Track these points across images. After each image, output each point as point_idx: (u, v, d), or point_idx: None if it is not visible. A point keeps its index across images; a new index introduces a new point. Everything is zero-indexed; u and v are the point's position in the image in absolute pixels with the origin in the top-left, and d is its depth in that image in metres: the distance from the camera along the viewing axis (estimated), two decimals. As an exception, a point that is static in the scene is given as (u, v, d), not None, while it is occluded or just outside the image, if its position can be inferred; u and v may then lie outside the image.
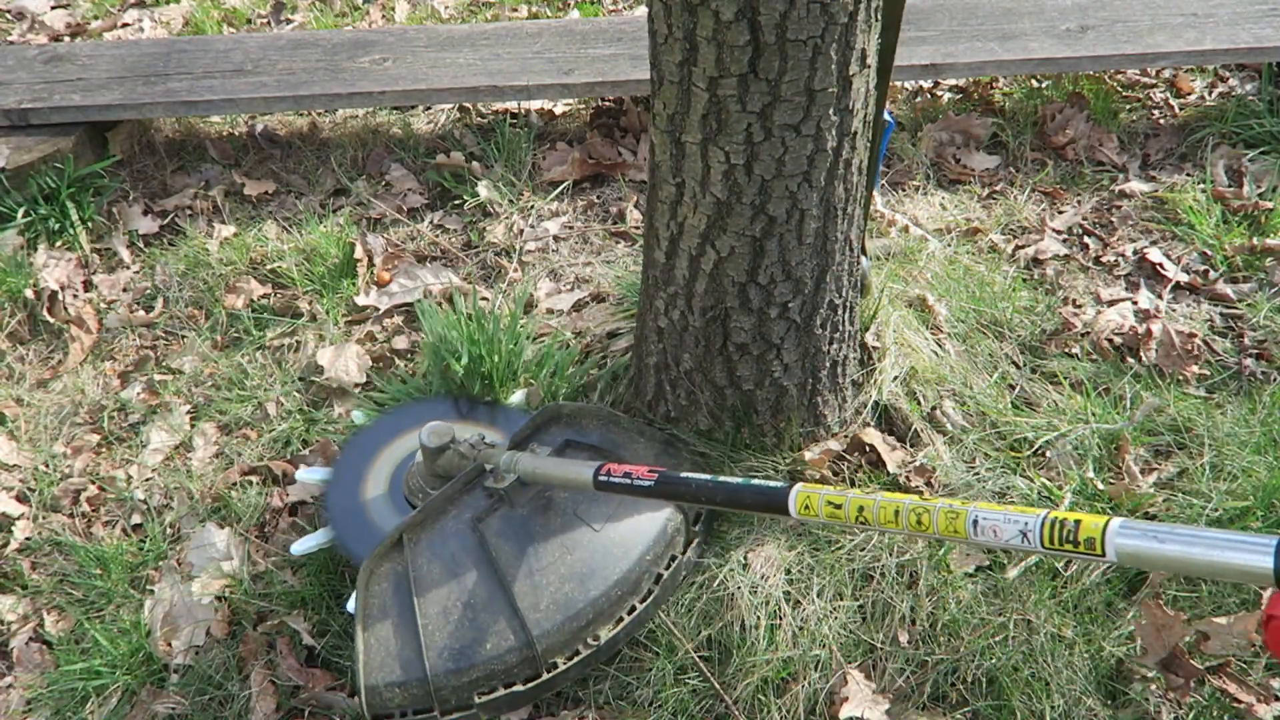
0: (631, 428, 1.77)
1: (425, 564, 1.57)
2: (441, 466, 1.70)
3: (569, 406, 1.79)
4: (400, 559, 1.59)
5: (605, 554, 1.60)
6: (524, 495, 1.63)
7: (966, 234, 2.44)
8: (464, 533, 1.60)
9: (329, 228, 2.53)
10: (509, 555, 1.57)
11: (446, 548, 1.59)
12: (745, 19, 1.33)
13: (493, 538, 1.58)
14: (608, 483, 1.45)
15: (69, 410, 2.20)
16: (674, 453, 1.77)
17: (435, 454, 1.68)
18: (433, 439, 1.67)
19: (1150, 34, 2.63)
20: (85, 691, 1.71)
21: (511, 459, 1.60)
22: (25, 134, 2.62)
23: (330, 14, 3.43)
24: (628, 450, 1.75)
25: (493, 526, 1.60)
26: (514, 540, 1.59)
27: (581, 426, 1.78)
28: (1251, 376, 2.06)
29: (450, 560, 1.58)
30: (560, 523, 1.63)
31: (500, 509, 1.63)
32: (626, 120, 2.84)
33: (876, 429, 1.90)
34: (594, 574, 1.58)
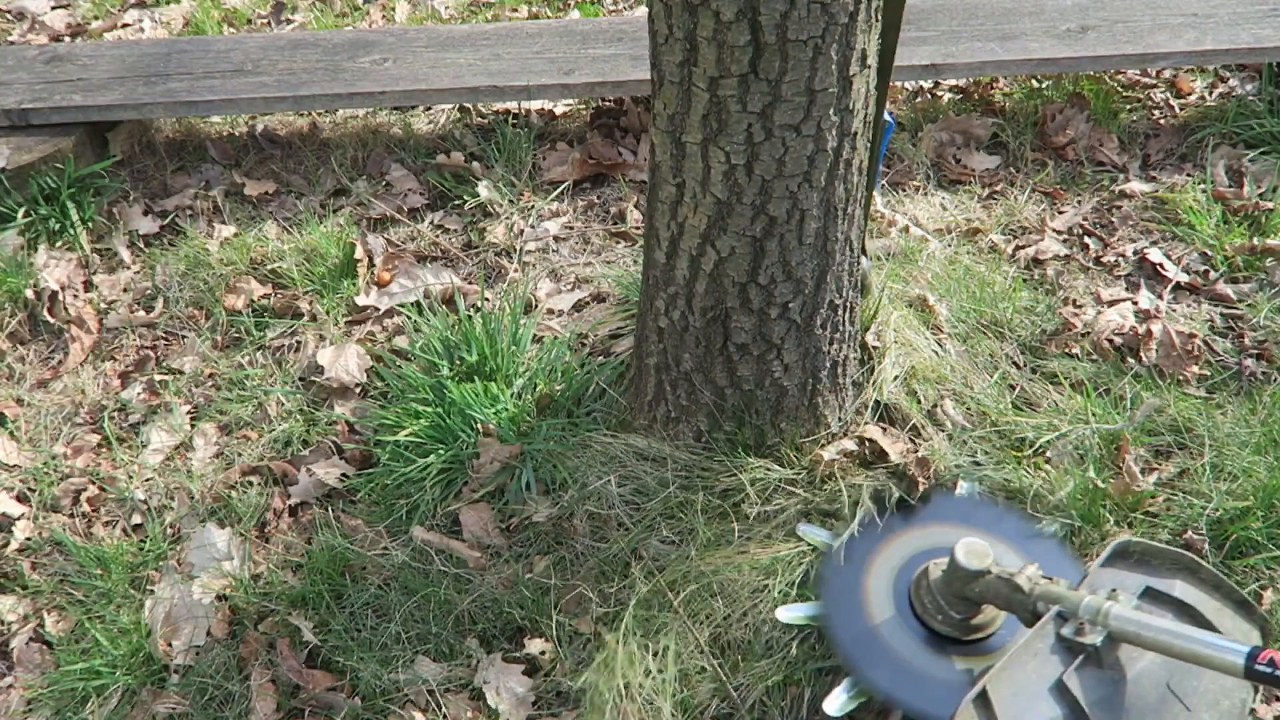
0: (1209, 579, 1.47)
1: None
2: (975, 591, 1.49)
3: (1139, 544, 1.48)
4: (988, 717, 1.33)
5: None
6: (1111, 654, 1.35)
7: (967, 234, 2.44)
8: (1050, 693, 1.34)
9: (329, 228, 2.53)
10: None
11: (1035, 709, 1.33)
12: (746, 19, 1.33)
13: (1088, 705, 1.32)
14: (1272, 676, 1.12)
15: (69, 410, 2.21)
16: (1248, 614, 1.48)
17: (971, 577, 1.47)
18: (971, 560, 1.46)
19: (1150, 34, 2.63)
20: (85, 691, 1.71)
21: (1098, 607, 1.32)
22: (26, 134, 2.62)
23: (330, 14, 3.43)
24: (1205, 606, 1.45)
25: (1081, 688, 1.33)
26: (1107, 710, 1.33)
27: (1155, 569, 1.48)
28: (1252, 377, 2.06)
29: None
30: (1155, 696, 1.34)
31: (1087, 667, 1.35)
32: (627, 120, 2.84)
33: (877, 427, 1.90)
34: None
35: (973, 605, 1.54)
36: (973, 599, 1.51)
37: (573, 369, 2.06)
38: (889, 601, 1.63)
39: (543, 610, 1.73)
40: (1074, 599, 1.35)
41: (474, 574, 1.79)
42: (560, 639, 1.71)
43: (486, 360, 2.06)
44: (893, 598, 1.64)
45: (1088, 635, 1.32)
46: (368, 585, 1.79)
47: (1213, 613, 1.43)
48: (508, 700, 1.64)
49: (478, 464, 1.91)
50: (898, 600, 1.64)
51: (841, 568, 1.68)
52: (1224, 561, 1.73)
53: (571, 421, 1.95)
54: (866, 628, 1.60)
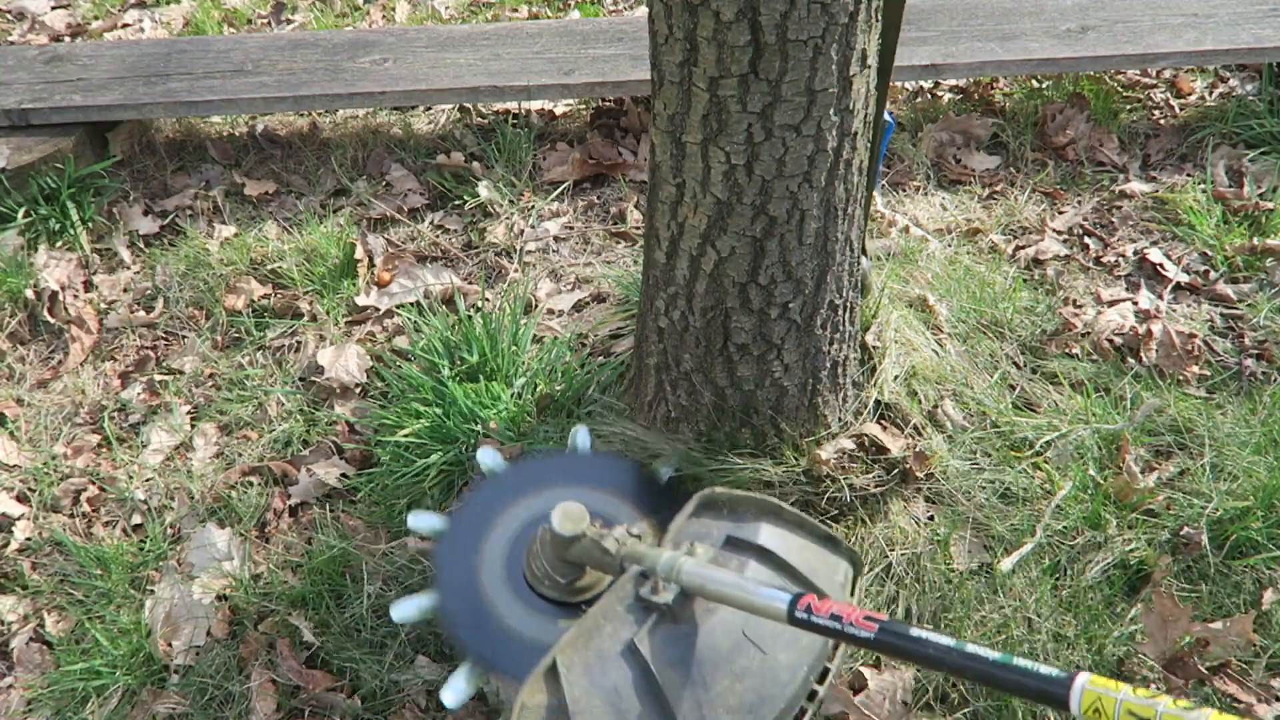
0: (792, 519, 1.50)
1: (583, 697, 1.32)
2: (574, 555, 1.47)
3: (725, 493, 1.50)
4: (556, 691, 1.33)
5: (774, 679, 1.37)
6: (686, 609, 1.36)
7: (967, 234, 2.44)
8: (622, 656, 1.35)
9: (329, 228, 2.54)
10: (675, 684, 1.33)
11: (607, 677, 1.33)
12: (746, 19, 1.33)
13: (657, 664, 1.33)
14: (807, 621, 1.19)
15: (69, 410, 2.21)
16: (833, 548, 1.52)
17: (567, 542, 1.45)
18: (565, 525, 1.44)
19: (1151, 34, 2.63)
20: (86, 692, 1.71)
21: (672, 564, 1.32)
22: (26, 134, 2.62)
23: (330, 14, 3.43)
24: (789, 547, 1.46)
25: (654, 647, 1.34)
26: (679, 666, 1.34)
27: (741, 516, 1.49)
28: (1252, 377, 2.06)
29: (612, 692, 1.32)
30: (728, 645, 1.36)
31: (661, 625, 1.35)
32: (627, 120, 2.84)
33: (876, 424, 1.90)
34: (763, 703, 1.36)
35: (577, 568, 1.51)
36: (573, 562, 1.48)
37: (573, 369, 2.07)
38: (502, 572, 1.60)
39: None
40: (654, 556, 1.35)
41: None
42: (560, 639, 1.71)
43: (487, 360, 2.06)
44: (506, 569, 1.60)
45: (661, 593, 1.33)
46: (368, 585, 1.79)
47: (796, 552, 1.44)
48: (508, 700, 1.64)
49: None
50: (511, 571, 1.60)
51: (455, 547, 1.63)
52: (1224, 561, 1.73)
53: (572, 422, 1.95)
54: (479, 601, 1.55)
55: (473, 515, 1.67)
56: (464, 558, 1.61)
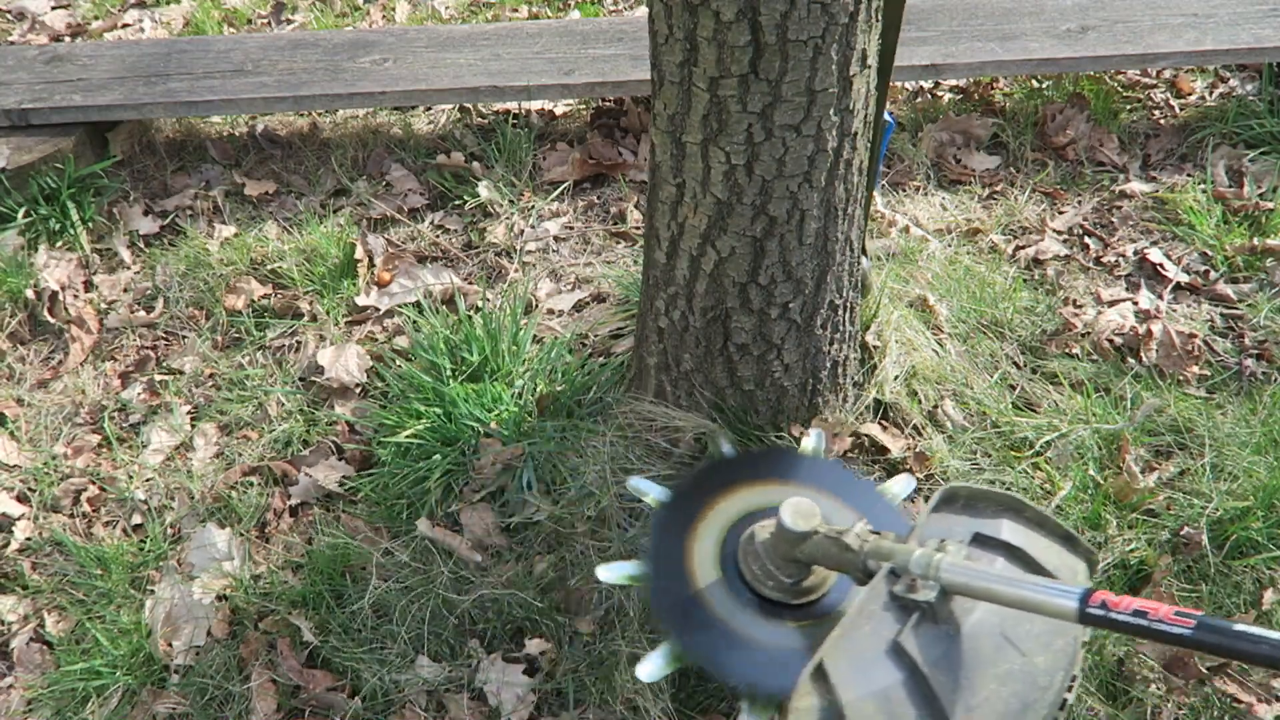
0: (1034, 518, 1.44)
1: (856, 699, 1.26)
2: (804, 553, 1.41)
3: (965, 488, 1.43)
4: (827, 693, 1.27)
5: (1034, 685, 1.30)
6: (946, 608, 1.30)
7: (967, 234, 2.44)
8: (888, 656, 1.28)
9: (329, 228, 2.53)
10: (945, 686, 1.27)
11: (876, 679, 1.27)
12: (746, 19, 1.33)
13: (925, 665, 1.27)
14: (1103, 619, 1.11)
15: (69, 410, 2.21)
16: (1073, 548, 1.46)
17: (798, 539, 1.39)
18: (798, 521, 1.38)
19: (1151, 34, 2.63)
20: (86, 692, 1.71)
21: (928, 561, 1.26)
22: (26, 134, 2.62)
23: (330, 14, 3.43)
24: (1033, 546, 1.41)
25: (918, 648, 1.28)
26: (945, 669, 1.28)
27: (981, 513, 1.43)
28: (1252, 377, 2.06)
29: (882, 694, 1.27)
30: (990, 647, 1.29)
31: (922, 625, 1.29)
32: (627, 120, 2.84)
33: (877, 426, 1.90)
34: (1025, 711, 1.28)
35: (803, 567, 1.46)
36: (802, 560, 1.42)
37: (573, 369, 2.07)
38: (714, 569, 1.53)
39: (543, 610, 1.73)
40: (904, 554, 1.29)
41: (475, 574, 1.79)
42: (561, 639, 1.71)
43: (488, 360, 2.06)
44: (719, 561, 1.54)
45: (920, 591, 1.27)
46: (368, 585, 1.79)
47: (1041, 551, 1.39)
48: (508, 700, 1.64)
49: (479, 465, 1.91)
50: (724, 566, 1.53)
51: (669, 526, 1.58)
52: (1224, 561, 1.73)
53: (573, 422, 1.95)
54: (689, 593, 1.50)
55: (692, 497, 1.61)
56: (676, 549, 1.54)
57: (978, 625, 1.29)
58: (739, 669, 1.42)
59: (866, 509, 1.60)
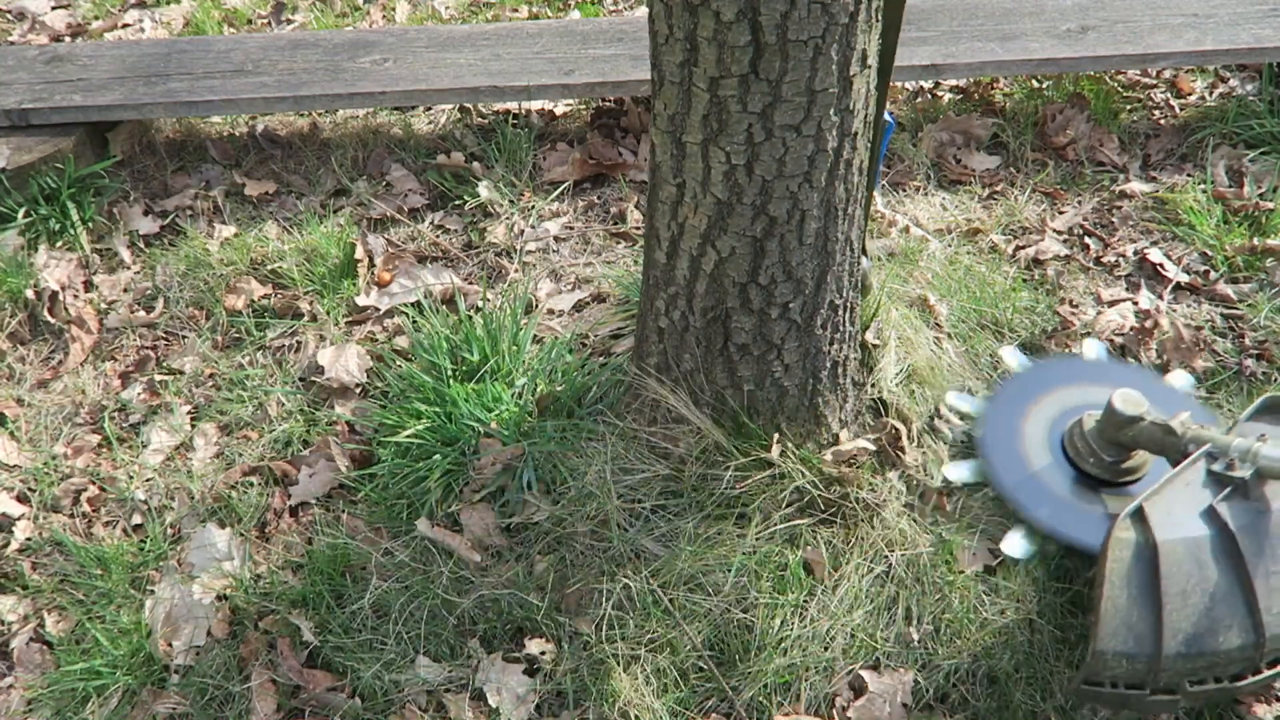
0: None
1: (1169, 540, 1.47)
2: (1129, 436, 1.65)
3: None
4: (1144, 530, 1.49)
5: None
6: (1258, 488, 1.50)
7: (967, 234, 2.44)
8: (1202, 517, 1.50)
9: (329, 228, 2.53)
10: (1250, 550, 1.46)
11: (1187, 529, 1.49)
12: (746, 19, 1.33)
13: (1235, 529, 1.47)
14: None
15: (70, 410, 2.21)
16: None
17: (1126, 423, 1.64)
18: (1127, 407, 1.63)
19: (1151, 34, 2.63)
20: (86, 692, 1.71)
21: (1247, 447, 1.49)
22: (26, 134, 2.62)
23: (331, 14, 3.43)
24: None
25: (1231, 515, 1.48)
26: (1253, 536, 1.47)
27: None
28: (1252, 376, 2.06)
29: (1192, 543, 1.48)
30: None
31: (1235, 498, 1.50)
32: (627, 120, 2.84)
33: (878, 427, 1.90)
34: None
35: (1124, 450, 1.68)
36: (1125, 444, 1.65)
37: (573, 369, 2.07)
38: (1045, 450, 1.80)
39: (543, 610, 1.73)
40: (1225, 440, 1.50)
41: (475, 574, 1.79)
42: (561, 639, 1.71)
43: (488, 360, 2.06)
44: (1048, 448, 1.81)
45: (1237, 470, 1.47)
46: (368, 585, 1.79)
47: None
48: (508, 700, 1.64)
49: (479, 465, 1.91)
50: (1053, 450, 1.80)
51: (998, 425, 1.85)
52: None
53: (573, 422, 1.95)
54: (1027, 473, 1.77)
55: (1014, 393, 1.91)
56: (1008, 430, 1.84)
57: None
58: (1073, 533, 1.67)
59: (1172, 404, 1.84)
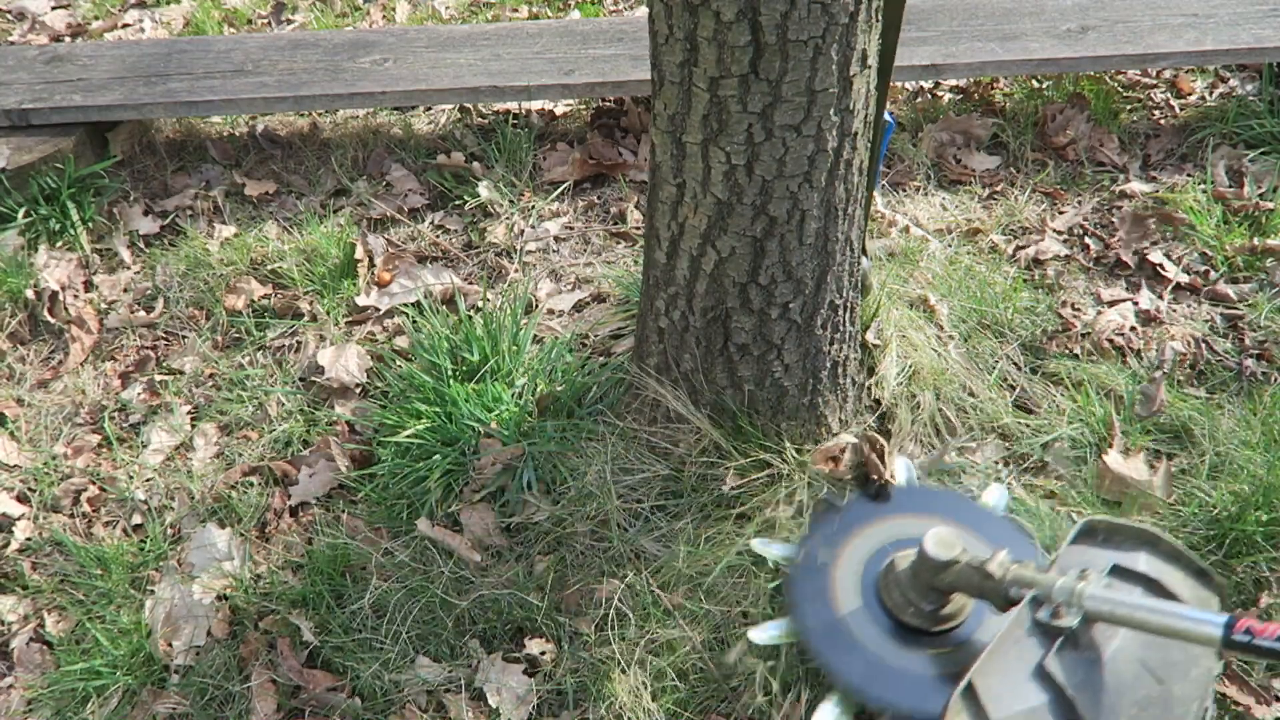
0: (1169, 552, 1.49)
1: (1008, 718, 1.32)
2: (944, 581, 1.47)
3: (1104, 521, 1.50)
4: (978, 713, 1.33)
5: (1170, 713, 1.34)
6: (1087, 634, 1.36)
7: (967, 234, 2.44)
8: (1033, 679, 1.34)
9: (330, 228, 2.53)
10: (1089, 710, 1.33)
11: (1021, 697, 1.33)
12: (746, 19, 1.33)
13: (1071, 689, 1.33)
14: (1249, 645, 1.11)
15: (70, 410, 2.21)
16: (1207, 583, 1.50)
17: (940, 568, 1.45)
18: (940, 550, 1.44)
19: (1151, 34, 2.63)
20: (86, 692, 1.71)
21: (1071, 589, 1.31)
22: (26, 134, 2.62)
23: (331, 14, 3.43)
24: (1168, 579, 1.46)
25: (1062, 672, 1.34)
26: (1089, 691, 1.33)
27: (1119, 545, 1.49)
28: (1252, 377, 2.06)
29: (1028, 715, 1.33)
30: (1130, 673, 1.35)
31: (1065, 650, 1.35)
32: (627, 120, 2.84)
33: (878, 428, 1.90)
34: None
35: (942, 595, 1.52)
36: (942, 589, 1.49)
37: (573, 369, 2.07)
38: (857, 598, 1.61)
39: (543, 610, 1.73)
40: (1048, 582, 1.34)
41: (475, 574, 1.79)
42: (561, 639, 1.71)
43: (488, 360, 2.06)
44: (860, 594, 1.62)
45: (1064, 618, 1.32)
46: (368, 585, 1.79)
47: (1176, 583, 1.43)
48: (508, 700, 1.64)
49: (479, 464, 1.91)
50: (865, 595, 1.61)
51: (807, 572, 1.66)
52: (1224, 561, 1.73)
53: (573, 422, 1.95)
54: (835, 626, 1.58)
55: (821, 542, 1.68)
56: (819, 586, 1.63)
57: (1118, 652, 1.34)
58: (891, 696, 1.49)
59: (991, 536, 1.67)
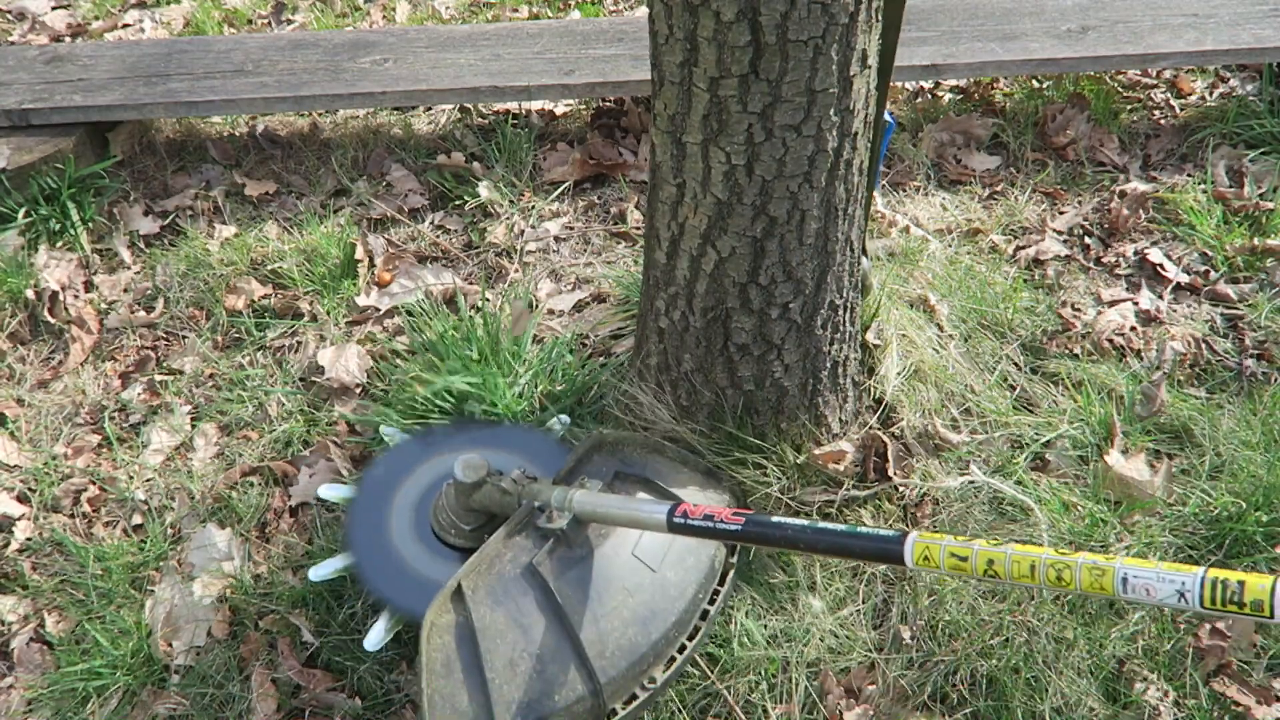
0: (676, 457, 1.67)
1: (488, 614, 1.46)
2: (477, 501, 1.60)
3: (612, 434, 1.68)
4: (462, 609, 1.47)
5: (664, 595, 1.52)
6: (579, 534, 1.52)
7: (967, 234, 2.44)
8: (523, 577, 1.49)
9: (330, 228, 2.53)
10: (573, 601, 1.48)
11: (508, 594, 1.48)
12: (746, 19, 1.33)
13: (555, 582, 1.48)
14: (685, 525, 1.35)
15: (70, 411, 2.21)
16: (715, 482, 1.68)
17: (470, 489, 1.59)
18: (467, 473, 1.57)
19: (1151, 34, 2.63)
20: (86, 692, 1.71)
21: (565, 496, 1.50)
22: (26, 134, 2.62)
23: (331, 14, 3.43)
24: (672, 480, 1.67)
25: (552, 569, 1.49)
26: (576, 584, 1.49)
27: (626, 455, 1.69)
28: (1252, 377, 2.06)
29: (514, 609, 1.47)
30: (620, 563, 1.52)
31: (557, 550, 1.51)
32: (627, 121, 2.84)
33: (879, 428, 1.90)
34: (655, 616, 1.51)
35: (480, 515, 1.63)
36: (477, 509, 1.62)
37: (573, 369, 2.07)
38: (412, 529, 1.72)
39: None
40: (548, 491, 1.52)
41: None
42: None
43: (489, 360, 2.06)
44: (415, 525, 1.72)
45: (556, 521, 1.50)
46: (368, 585, 1.79)
47: (680, 483, 1.65)
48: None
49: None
50: (419, 527, 1.72)
51: (365, 507, 1.76)
52: (1224, 560, 1.73)
53: (573, 421, 1.95)
54: (391, 556, 1.69)
55: (379, 478, 1.80)
56: (373, 518, 1.74)
57: (609, 548, 1.53)
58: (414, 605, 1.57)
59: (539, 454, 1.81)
